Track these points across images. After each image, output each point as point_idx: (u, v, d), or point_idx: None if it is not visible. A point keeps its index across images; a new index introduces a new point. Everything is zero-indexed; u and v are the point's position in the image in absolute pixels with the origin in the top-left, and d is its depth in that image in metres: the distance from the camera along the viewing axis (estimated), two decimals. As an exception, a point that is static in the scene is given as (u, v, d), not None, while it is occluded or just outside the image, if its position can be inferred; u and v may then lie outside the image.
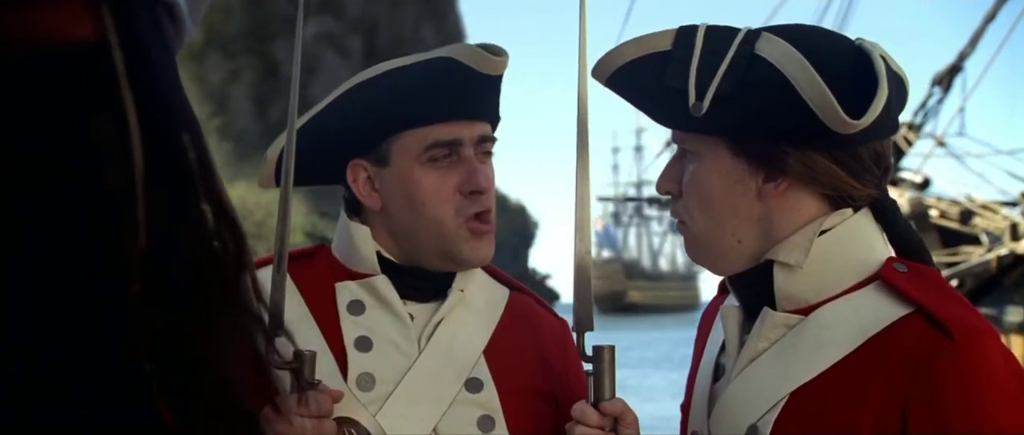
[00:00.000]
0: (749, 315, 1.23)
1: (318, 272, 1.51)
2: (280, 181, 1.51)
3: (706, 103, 1.16)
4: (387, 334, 1.47)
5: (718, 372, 1.28)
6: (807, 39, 1.16)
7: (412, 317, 1.49)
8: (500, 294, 1.60)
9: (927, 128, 11.28)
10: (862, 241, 1.20)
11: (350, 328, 1.47)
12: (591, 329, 1.38)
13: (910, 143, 11.23)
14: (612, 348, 1.34)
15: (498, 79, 1.50)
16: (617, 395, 1.30)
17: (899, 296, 1.15)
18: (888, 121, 1.17)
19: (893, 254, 1.22)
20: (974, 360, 1.09)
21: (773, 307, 1.20)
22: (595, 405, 1.30)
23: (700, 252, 1.25)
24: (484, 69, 1.46)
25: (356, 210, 1.53)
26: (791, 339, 1.18)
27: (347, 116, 1.49)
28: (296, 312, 1.46)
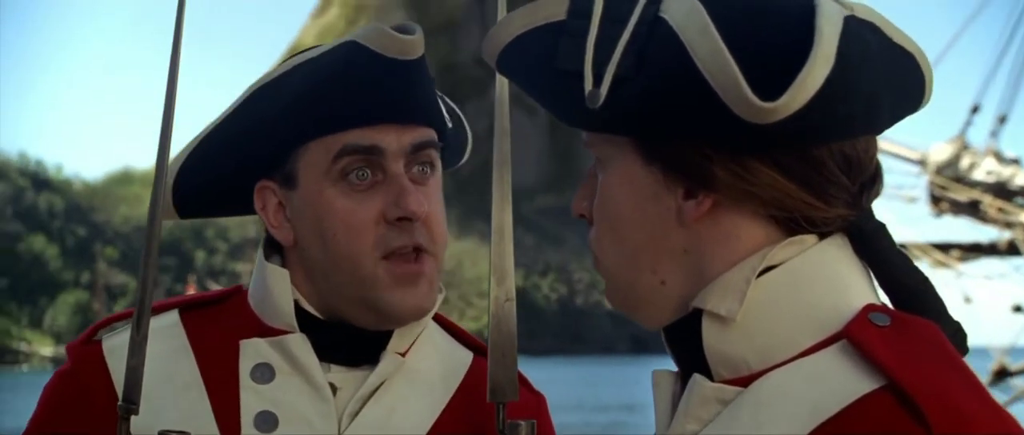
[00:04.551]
0: (686, 383, 0.90)
1: (224, 325, 1.23)
2: (186, 211, 1.28)
3: (604, 90, 0.84)
4: (299, 409, 1.17)
5: (654, 460, 0.95)
6: None
7: (335, 388, 1.19)
8: (460, 360, 1.28)
9: None
10: (826, 281, 0.84)
11: (251, 400, 1.17)
12: (514, 398, 1.08)
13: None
14: (532, 424, 1.04)
15: (416, 68, 1.18)
16: None
17: (868, 362, 0.80)
18: (854, 110, 0.82)
19: (877, 300, 0.87)
20: None
21: (708, 373, 0.87)
22: None
23: (617, 296, 0.93)
24: (391, 52, 1.15)
25: (277, 247, 1.25)
26: (725, 421, 0.83)
27: (250, 126, 1.21)
28: (183, 378, 1.19)
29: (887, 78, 0.85)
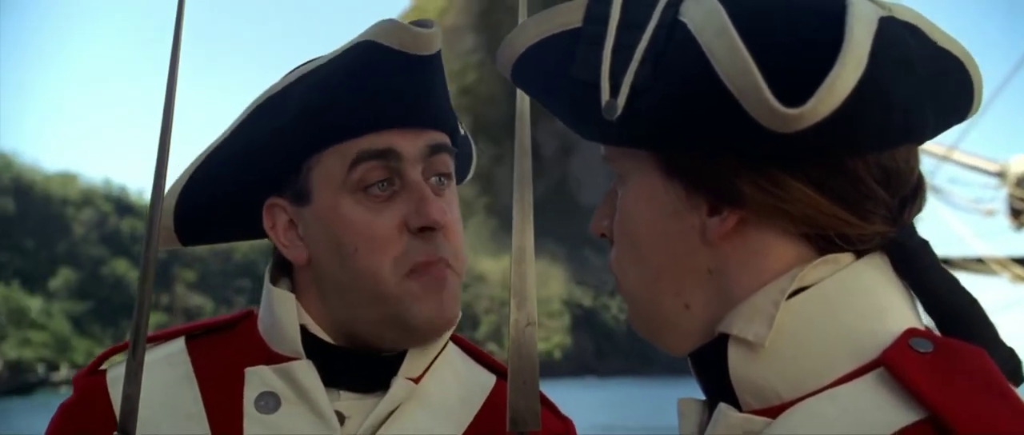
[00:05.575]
0: (714, 413, 0.84)
1: (231, 352, 1.18)
2: (189, 237, 1.23)
3: (621, 100, 0.79)
4: None
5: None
6: None
7: (343, 417, 1.13)
8: (480, 384, 1.22)
9: None
10: (863, 304, 0.77)
11: (255, 431, 1.12)
12: (536, 427, 1.02)
13: None
14: None
15: (433, 65, 1.13)
16: None
17: (908, 392, 0.72)
18: (891, 118, 0.75)
19: (919, 324, 0.79)
20: None
21: (735, 402, 0.80)
22: None
23: (640, 320, 0.87)
24: (411, 48, 1.10)
25: (286, 269, 1.21)
26: None
27: (256, 140, 1.16)
28: (186, 408, 1.15)
29: (930, 84, 0.78)
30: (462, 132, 1.25)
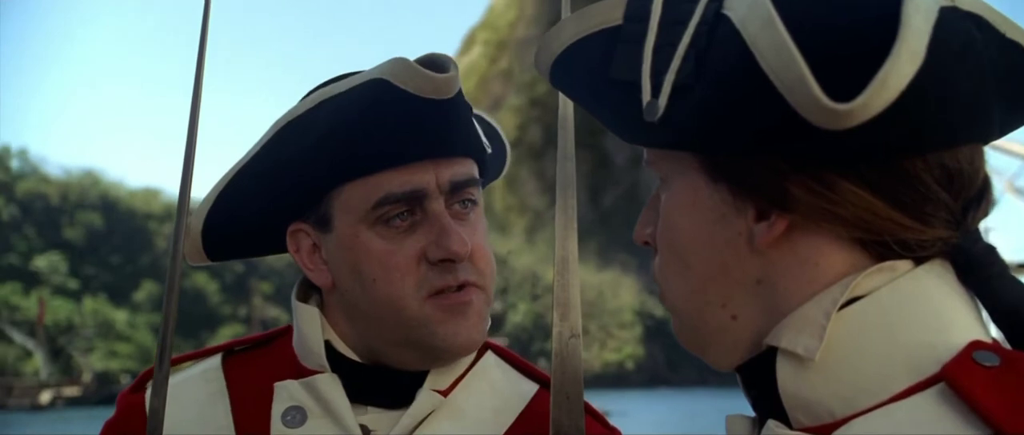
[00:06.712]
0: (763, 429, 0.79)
1: (264, 368, 1.20)
2: (215, 253, 1.23)
3: (663, 100, 0.75)
4: None
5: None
6: None
7: (369, 430, 1.13)
8: (519, 393, 1.20)
9: None
10: (922, 314, 0.72)
11: None
12: None
13: None
14: None
15: (452, 105, 1.11)
16: None
17: (971, 409, 0.67)
18: (952, 115, 0.70)
19: (986, 336, 0.73)
20: None
21: (785, 419, 0.75)
22: None
23: (685, 332, 0.83)
24: (424, 92, 1.08)
25: (315, 287, 1.21)
26: None
27: (279, 165, 1.16)
28: (217, 422, 1.16)
29: (997, 79, 0.73)
30: (489, 149, 1.23)
